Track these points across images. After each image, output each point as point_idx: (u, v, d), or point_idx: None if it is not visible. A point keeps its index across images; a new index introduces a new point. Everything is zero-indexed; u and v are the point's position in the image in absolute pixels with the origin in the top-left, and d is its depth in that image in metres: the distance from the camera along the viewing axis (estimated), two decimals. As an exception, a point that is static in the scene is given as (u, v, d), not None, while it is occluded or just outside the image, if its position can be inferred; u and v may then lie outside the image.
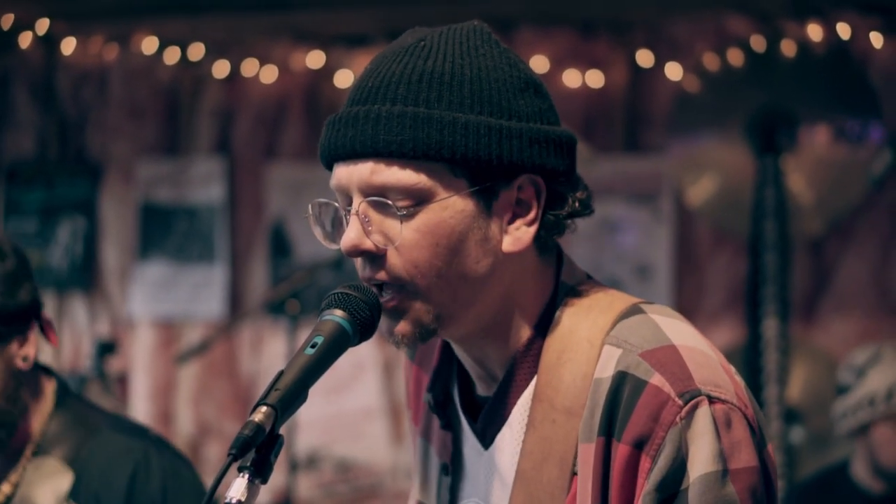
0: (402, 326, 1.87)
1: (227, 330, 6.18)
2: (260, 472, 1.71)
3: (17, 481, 2.67)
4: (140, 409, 6.53)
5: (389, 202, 1.82)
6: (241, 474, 1.70)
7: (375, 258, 1.85)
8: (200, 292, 6.61)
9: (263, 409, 1.72)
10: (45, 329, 2.69)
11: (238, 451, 1.68)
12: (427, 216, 1.82)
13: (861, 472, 4.61)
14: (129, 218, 6.77)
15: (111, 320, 6.78)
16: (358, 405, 6.32)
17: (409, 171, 1.82)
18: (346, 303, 1.84)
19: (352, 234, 1.85)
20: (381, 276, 1.85)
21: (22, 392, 2.63)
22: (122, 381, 6.39)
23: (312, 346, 1.80)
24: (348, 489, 6.36)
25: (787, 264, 5.29)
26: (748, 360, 5.22)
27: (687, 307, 5.84)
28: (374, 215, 1.84)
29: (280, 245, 6.49)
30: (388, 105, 1.83)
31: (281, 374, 1.77)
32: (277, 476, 5.78)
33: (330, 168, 1.90)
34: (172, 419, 6.58)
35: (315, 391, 1.79)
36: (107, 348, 5.74)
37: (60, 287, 6.78)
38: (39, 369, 2.73)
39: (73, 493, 2.66)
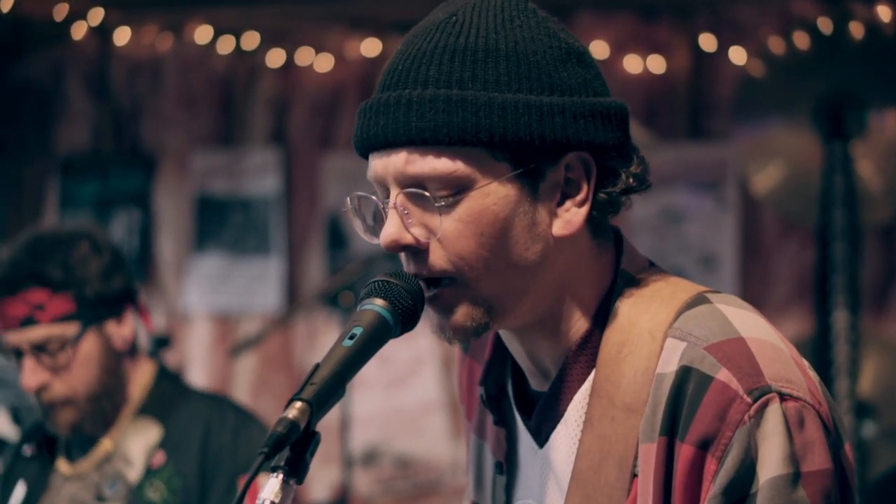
0: (454, 322, 1.77)
1: (283, 323, 6.17)
2: (295, 472, 1.63)
3: (117, 438, 3.20)
4: (196, 403, 6.53)
5: (427, 193, 1.73)
6: (275, 474, 1.62)
7: (418, 252, 1.76)
8: (256, 285, 6.59)
9: (298, 404, 1.64)
10: (142, 314, 3.26)
11: (271, 448, 1.60)
12: (469, 204, 1.73)
13: None
14: (185, 210, 6.78)
15: (167, 313, 6.79)
16: (417, 400, 6.30)
17: (445, 159, 1.72)
18: (386, 291, 1.75)
19: (391, 229, 1.76)
20: (427, 270, 1.76)
21: (120, 367, 3.18)
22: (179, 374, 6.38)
23: (351, 338, 1.71)
24: (408, 485, 6.34)
25: (856, 253, 5.21)
26: (817, 353, 5.14)
27: (753, 298, 5.74)
28: (413, 207, 1.75)
29: (336, 236, 6.47)
30: (419, 89, 1.73)
31: (317, 367, 1.68)
32: (334, 471, 5.76)
33: (365, 157, 1.81)
34: (229, 413, 6.57)
35: (374, 385, 1.71)
36: (162, 342, 5.71)
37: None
38: (142, 353, 3.29)
39: (162, 443, 3.19)
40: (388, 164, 1.75)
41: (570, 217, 1.77)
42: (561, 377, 1.82)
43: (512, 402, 1.93)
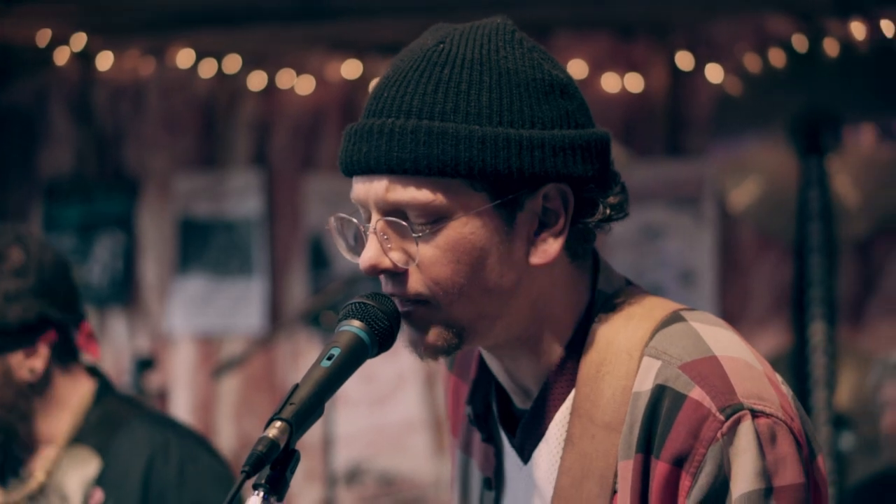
0: (427, 340, 1.81)
1: (266, 343, 6.18)
2: (275, 489, 1.65)
3: (51, 469, 2.82)
4: (181, 424, 6.53)
5: (405, 223, 1.76)
6: (256, 492, 1.65)
7: (396, 275, 1.79)
8: (240, 306, 6.61)
9: (278, 424, 1.66)
10: (86, 341, 2.85)
11: (252, 467, 1.63)
12: (447, 233, 1.75)
13: None
14: (168, 232, 6.79)
15: (151, 336, 6.79)
16: (400, 417, 6.30)
17: (425, 190, 1.74)
18: (363, 313, 1.78)
19: (370, 253, 1.79)
20: (403, 292, 1.79)
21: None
22: (163, 396, 6.39)
23: (329, 359, 1.74)
24: (391, 502, 6.34)
25: (833, 267, 5.24)
26: (795, 366, 5.16)
27: (732, 313, 5.79)
28: (392, 233, 1.78)
29: (319, 257, 6.49)
30: (402, 119, 1.75)
31: (296, 387, 1.71)
32: (317, 489, 5.76)
33: (351, 177, 1.84)
34: (214, 434, 6.56)
35: (357, 403, 1.75)
36: (145, 364, 5.75)
37: (100, 303, 6.78)
38: (83, 370, 2.87)
39: (99, 479, 2.79)
40: (370, 189, 1.78)
41: (547, 247, 1.79)
42: (542, 396, 1.85)
43: (497, 419, 1.96)
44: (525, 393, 1.90)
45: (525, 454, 1.89)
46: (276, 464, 1.66)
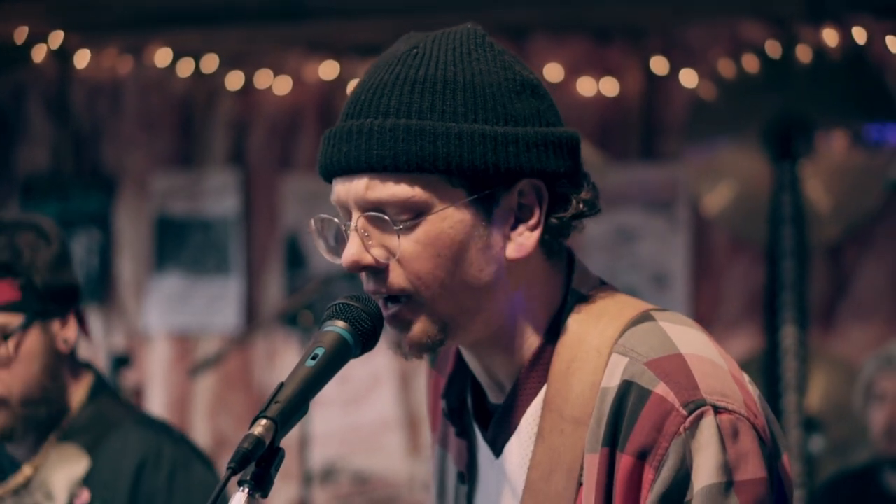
0: (411, 338, 1.85)
1: (241, 342, 6.19)
2: (260, 486, 1.68)
3: (39, 464, 2.77)
4: (156, 422, 6.53)
5: (387, 217, 1.80)
6: (241, 488, 1.68)
7: (378, 272, 1.83)
8: (216, 305, 6.62)
9: (263, 421, 1.70)
10: (82, 320, 2.81)
11: (237, 464, 1.66)
12: (426, 228, 1.80)
13: (886, 469, 4.62)
14: (144, 231, 6.79)
15: (126, 333, 6.79)
16: (375, 417, 6.32)
17: (404, 185, 1.79)
18: (347, 314, 1.82)
19: (352, 250, 1.83)
20: (385, 289, 1.83)
21: (61, 373, 2.75)
22: (138, 394, 6.38)
23: (313, 358, 1.78)
24: (365, 501, 6.36)
25: (804, 271, 5.27)
26: (766, 369, 5.20)
27: (704, 315, 5.83)
28: (374, 230, 1.82)
29: (295, 256, 6.50)
30: (380, 118, 1.80)
31: (281, 386, 1.74)
32: (292, 488, 5.78)
33: (329, 181, 1.88)
34: (189, 432, 6.56)
35: (332, 403, 1.78)
36: (121, 362, 5.74)
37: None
38: (79, 362, 2.84)
39: (87, 479, 2.75)
40: (350, 189, 1.82)
41: (523, 241, 1.85)
42: (515, 391, 1.90)
43: (471, 414, 2.01)
44: (499, 388, 1.94)
45: (497, 448, 1.94)
46: (262, 461, 1.69)
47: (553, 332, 1.89)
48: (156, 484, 2.74)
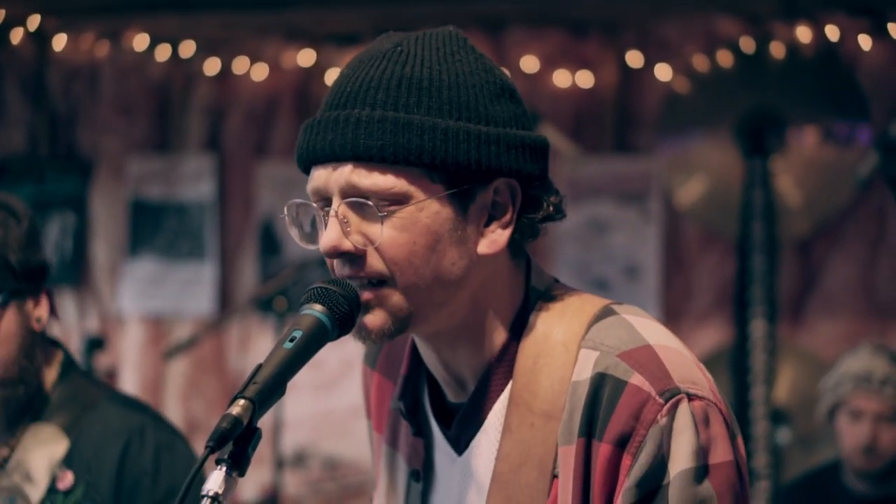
0: (375, 319, 1.88)
1: (216, 327, 6.20)
2: (237, 465, 1.72)
3: (15, 445, 2.72)
4: (128, 405, 6.53)
5: (370, 203, 1.84)
6: (219, 467, 1.72)
7: (355, 258, 1.87)
8: (190, 289, 6.63)
9: (241, 402, 1.73)
10: (51, 300, 2.77)
11: (216, 443, 1.70)
12: (403, 216, 1.84)
13: (849, 471, 4.62)
14: (119, 214, 6.79)
15: (100, 317, 6.80)
16: (346, 403, 6.32)
17: (390, 176, 1.84)
18: (324, 297, 1.85)
19: (332, 235, 1.86)
20: (364, 272, 1.87)
21: (37, 352, 2.72)
22: (111, 376, 6.40)
23: (291, 341, 1.81)
24: (336, 487, 6.38)
25: (774, 265, 5.32)
26: (735, 361, 5.24)
27: (675, 308, 5.86)
28: (353, 216, 1.86)
29: (270, 242, 6.52)
30: (367, 110, 1.84)
31: (259, 367, 1.78)
32: (264, 472, 5.80)
33: (306, 171, 1.91)
34: (161, 416, 6.58)
35: (304, 388, 1.81)
36: (95, 344, 5.74)
37: (49, 283, 6.75)
38: (49, 341, 2.81)
39: (67, 460, 2.71)
40: (332, 176, 1.86)
41: (496, 237, 1.90)
42: (481, 387, 1.95)
43: (429, 413, 2.04)
44: (459, 384, 1.99)
45: (461, 445, 1.98)
46: (239, 440, 1.72)
47: (517, 328, 1.95)
48: (142, 464, 2.71)
